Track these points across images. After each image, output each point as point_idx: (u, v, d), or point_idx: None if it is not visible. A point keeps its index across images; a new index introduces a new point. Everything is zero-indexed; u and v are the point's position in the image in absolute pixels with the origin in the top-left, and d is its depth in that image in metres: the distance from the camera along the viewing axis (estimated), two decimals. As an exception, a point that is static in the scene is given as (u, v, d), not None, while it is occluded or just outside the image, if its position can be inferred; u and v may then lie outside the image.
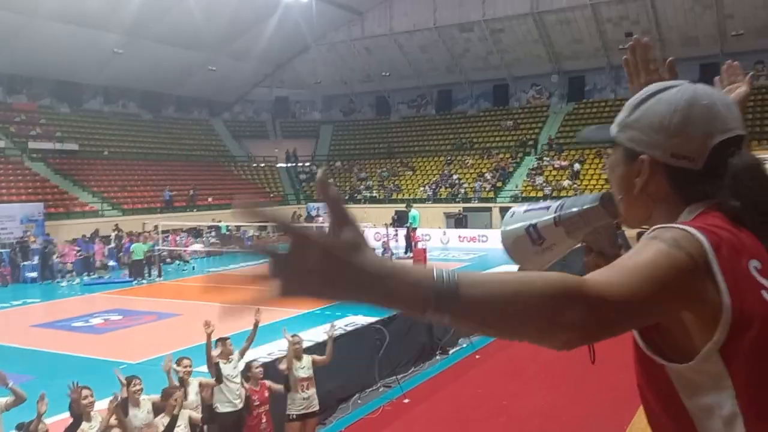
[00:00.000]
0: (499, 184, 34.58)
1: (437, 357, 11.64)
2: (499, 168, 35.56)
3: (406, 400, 9.62)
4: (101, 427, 5.09)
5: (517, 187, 33.76)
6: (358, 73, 42.61)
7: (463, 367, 11.29)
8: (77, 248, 23.35)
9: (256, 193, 38.98)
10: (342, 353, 9.25)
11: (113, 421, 5.12)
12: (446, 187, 35.80)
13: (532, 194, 31.16)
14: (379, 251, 16.12)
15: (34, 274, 22.01)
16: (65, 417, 5.38)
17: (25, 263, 22.42)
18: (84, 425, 5.26)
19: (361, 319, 13.92)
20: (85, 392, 5.42)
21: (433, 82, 42.80)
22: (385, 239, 20.45)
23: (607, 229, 1.38)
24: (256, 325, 7.08)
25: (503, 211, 32.65)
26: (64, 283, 21.39)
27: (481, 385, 10.38)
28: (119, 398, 5.41)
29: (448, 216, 33.69)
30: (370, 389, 9.90)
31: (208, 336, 6.67)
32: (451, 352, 12.01)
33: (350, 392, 9.54)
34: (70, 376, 6.21)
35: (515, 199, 32.93)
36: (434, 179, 36.97)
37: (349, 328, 12.49)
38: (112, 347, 12.37)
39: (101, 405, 5.55)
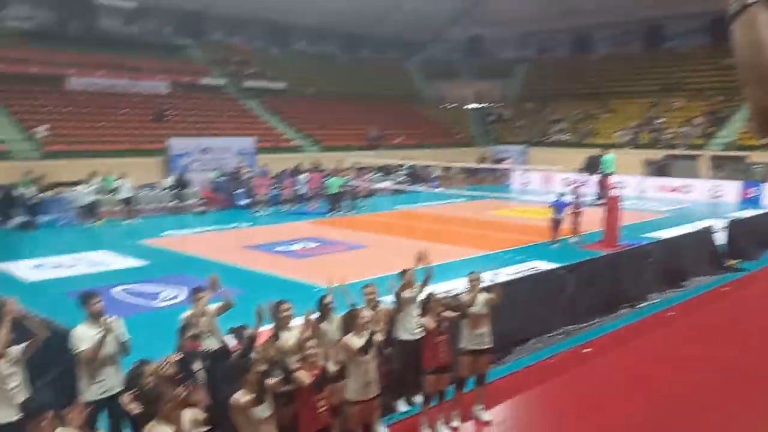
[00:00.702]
0: (711, 129, 31.24)
1: (623, 310, 11.12)
2: (713, 112, 32.03)
3: (586, 350, 9.38)
4: (300, 335, 5.65)
5: (733, 134, 30.26)
6: (557, 6, 40.23)
7: (652, 323, 10.67)
8: (269, 180, 25.24)
9: (444, 135, 39.29)
10: (522, 296, 9.23)
11: (308, 333, 5.65)
12: (648, 132, 33.15)
13: (750, 143, 27.74)
14: (569, 197, 15.58)
15: (245, 202, 24.45)
16: (268, 328, 6.03)
17: (238, 191, 24.97)
18: (284, 335, 5.89)
19: (543, 264, 13.71)
20: (285, 305, 6.03)
21: (641, 16, 39.20)
22: (575, 185, 19.63)
23: None
24: (427, 262, 7.28)
25: (714, 160, 29.58)
26: (260, 212, 23.34)
27: (668, 343, 9.77)
28: (313, 313, 5.94)
29: (647, 163, 31.34)
30: (549, 335, 9.79)
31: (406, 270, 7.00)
32: (638, 306, 11.39)
33: (528, 335, 9.52)
34: (272, 293, 6.93)
35: (729, 147, 29.61)
36: (635, 123, 34.37)
37: (530, 273, 12.37)
38: (308, 271, 13.51)
39: (299, 321, 6.12)
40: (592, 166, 28.50)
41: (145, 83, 31.12)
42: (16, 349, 5.27)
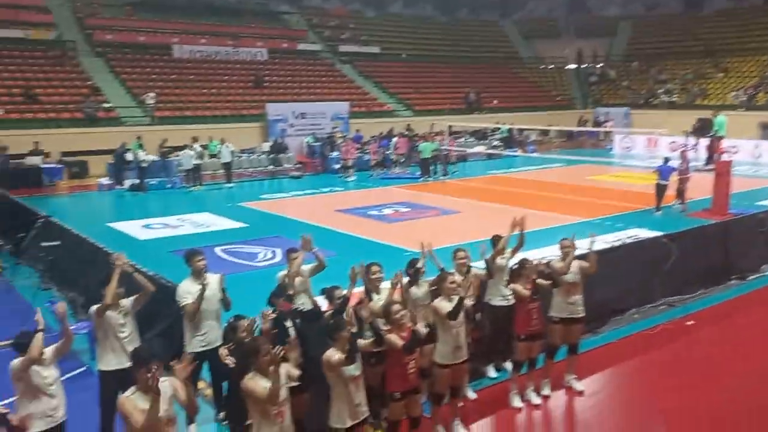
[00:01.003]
0: (840, 88, 28.45)
1: (732, 281, 10.47)
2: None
3: (689, 322, 8.93)
4: (387, 299, 5.71)
5: None
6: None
7: (764, 296, 9.99)
8: (357, 146, 25.26)
9: (542, 97, 38.00)
10: (621, 265, 8.87)
11: (397, 296, 5.70)
12: (766, 92, 30.61)
13: None
14: (675, 162, 14.66)
15: (338, 166, 24.83)
16: (359, 290, 6.13)
17: (332, 155, 25.38)
18: (374, 296, 5.97)
19: (645, 233, 13.09)
20: (375, 268, 6.10)
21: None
22: (683, 149, 18.49)
23: None
24: (521, 228, 7.11)
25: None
26: (349, 178, 23.37)
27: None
28: (402, 276, 5.98)
29: (764, 126, 28.99)
30: (650, 305, 9.39)
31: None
32: (750, 278, 10.68)
33: (626, 305, 9.17)
34: (363, 256, 7.01)
35: None
36: (752, 83, 31.81)
37: (629, 241, 11.85)
38: (399, 235, 13.60)
39: (389, 284, 6.17)
40: (702, 129, 26.73)
41: (245, 50, 32.01)
42: (127, 301, 5.66)
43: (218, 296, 6.05)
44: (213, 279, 6.04)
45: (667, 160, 16.58)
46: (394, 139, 25.99)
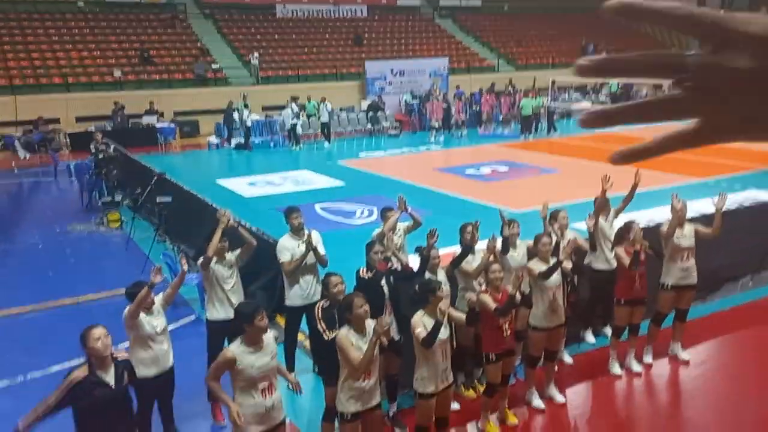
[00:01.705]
0: None
1: None
2: None
3: (811, 292, 8.29)
4: (482, 261, 5.67)
5: None
6: None
7: None
8: (444, 105, 24.64)
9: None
10: (736, 229, 8.29)
11: (492, 258, 5.65)
12: None
13: None
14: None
15: (436, 124, 24.59)
16: (454, 249, 6.12)
17: (435, 115, 25.12)
18: (469, 257, 5.94)
19: (764, 195, 12.17)
20: (470, 228, 6.06)
21: None
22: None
23: None
24: (634, 187, 6.76)
25: None
26: (434, 138, 22.80)
27: None
28: (497, 239, 5.90)
29: None
30: (765, 272, 8.77)
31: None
32: None
33: (740, 272, 8.61)
34: (459, 216, 6.97)
35: None
36: None
37: (746, 203, 11.06)
38: (497, 195, 13.38)
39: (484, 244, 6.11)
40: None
41: (345, 7, 32.07)
42: (232, 255, 5.95)
43: (315, 252, 6.21)
44: (311, 235, 6.22)
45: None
46: (487, 96, 25.21)
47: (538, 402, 5.90)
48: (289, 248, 6.12)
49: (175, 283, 5.50)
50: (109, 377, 4.09)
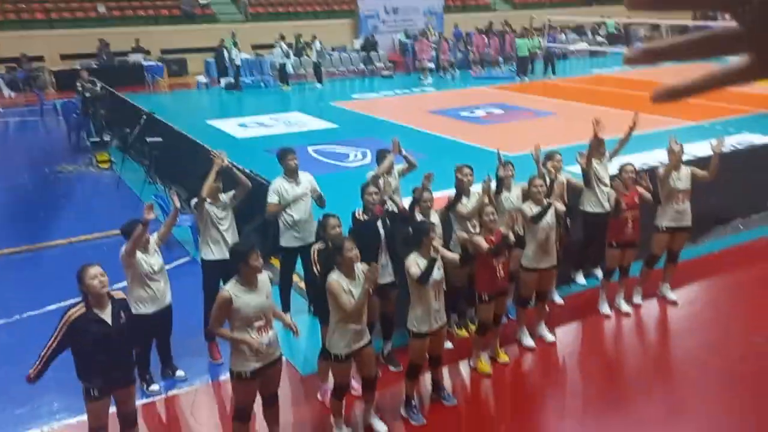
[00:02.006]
0: None
1: None
2: None
3: (800, 236, 8.39)
4: (477, 202, 5.67)
5: None
6: None
7: None
8: (433, 46, 24.07)
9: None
10: (729, 172, 8.30)
11: (486, 200, 5.64)
12: None
13: None
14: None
15: (431, 65, 24.16)
16: (449, 192, 6.10)
17: (424, 55, 24.64)
18: (464, 199, 5.94)
19: (758, 138, 12.16)
20: (466, 170, 6.02)
21: None
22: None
23: None
24: (631, 129, 6.72)
25: None
26: (426, 80, 22.04)
27: None
28: (492, 180, 5.88)
29: None
30: (758, 215, 8.86)
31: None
32: None
33: (731, 215, 8.69)
34: (454, 159, 6.92)
35: None
36: None
37: (740, 146, 11.07)
38: (492, 138, 13.28)
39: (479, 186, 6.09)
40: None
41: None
42: (226, 196, 5.91)
43: (311, 192, 6.18)
44: (305, 177, 6.17)
45: (793, 58, 14.99)
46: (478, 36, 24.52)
47: (528, 341, 6.02)
48: (279, 191, 6.07)
49: (168, 221, 5.50)
50: (106, 315, 4.12)
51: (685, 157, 6.67)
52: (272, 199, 6.06)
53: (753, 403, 5.11)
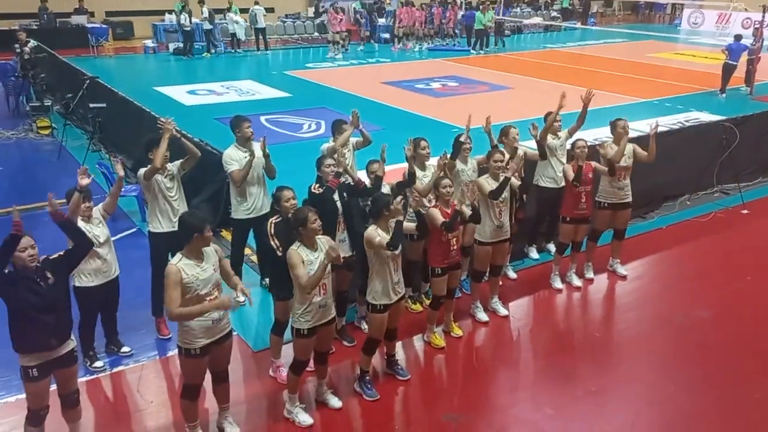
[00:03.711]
0: None
1: (795, 171, 9.98)
2: None
3: (744, 211, 8.64)
4: (433, 176, 5.60)
5: None
6: None
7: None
8: (341, 17, 23.10)
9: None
10: (677, 149, 8.49)
11: (443, 172, 5.58)
12: None
13: None
14: (747, 41, 13.57)
15: (387, 35, 23.86)
16: (403, 166, 5.98)
17: (380, 24, 24.31)
18: (419, 173, 5.85)
19: (706, 116, 12.46)
20: (423, 143, 5.92)
21: None
22: (759, 26, 17.07)
23: None
24: (585, 106, 6.73)
25: None
26: (337, 54, 21.18)
27: None
28: (448, 155, 5.81)
29: None
30: (704, 192, 9.09)
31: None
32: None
33: (679, 191, 8.89)
34: (409, 131, 6.82)
35: None
36: None
37: (688, 124, 11.33)
38: (447, 111, 13.23)
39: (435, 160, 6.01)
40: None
41: None
42: (173, 165, 5.65)
43: (262, 163, 5.98)
44: (256, 146, 5.97)
45: (738, 38, 15.39)
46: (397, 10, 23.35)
47: (482, 315, 6.03)
48: (236, 159, 5.87)
49: (113, 190, 5.23)
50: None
51: (630, 134, 6.73)
52: (233, 167, 5.84)
53: (699, 374, 5.26)
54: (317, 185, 5.32)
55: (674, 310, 6.25)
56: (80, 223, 4.66)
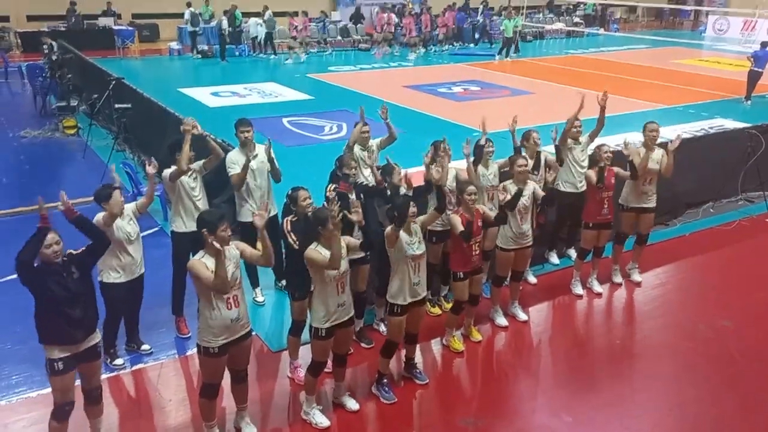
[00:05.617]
0: None
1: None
2: None
3: (769, 220, 8.51)
4: (452, 180, 5.58)
5: None
6: None
7: None
8: (300, 24, 22.73)
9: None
10: (701, 156, 8.39)
11: (465, 176, 5.56)
12: None
13: None
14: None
15: (405, 39, 23.80)
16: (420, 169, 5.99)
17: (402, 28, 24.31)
18: (481, 170, 5.90)
19: (730, 123, 12.29)
20: (444, 146, 5.90)
21: None
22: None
23: None
24: (602, 110, 6.68)
25: None
26: (377, 55, 21.98)
27: None
28: (471, 157, 5.80)
29: None
30: (728, 200, 8.96)
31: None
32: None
33: (702, 198, 8.77)
34: (431, 134, 6.82)
35: None
36: None
37: (712, 131, 11.18)
38: (468, 115, 13.19)
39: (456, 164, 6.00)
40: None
41: None
42: (197, 165, 5.70)
43: (267, 167, 5.98)
44: (260, 149, 5.98)
45: (764, 45, 15.16)
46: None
47: (501, 320, 6.00)
48: (237, 162, 5.85)
49: (148, 191, 5.29)
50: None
51: (659, 140, 6.65)
52: (233, 170, 5.86)
53: (720, 386, 5.17)
54: (332, 187, 5.33)
55: (697, 319, 6.16)
56: (116, 222, 4.79)
